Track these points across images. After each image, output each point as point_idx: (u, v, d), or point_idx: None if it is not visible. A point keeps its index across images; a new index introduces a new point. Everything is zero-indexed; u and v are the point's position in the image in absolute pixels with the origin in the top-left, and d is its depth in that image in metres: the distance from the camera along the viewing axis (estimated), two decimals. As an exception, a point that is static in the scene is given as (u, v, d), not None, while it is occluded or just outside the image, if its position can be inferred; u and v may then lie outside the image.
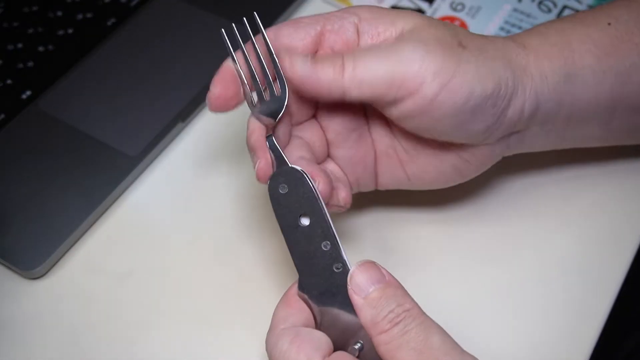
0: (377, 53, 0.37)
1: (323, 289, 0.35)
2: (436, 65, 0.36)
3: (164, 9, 0.58)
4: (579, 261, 0.46)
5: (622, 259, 0.46)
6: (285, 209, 0.36)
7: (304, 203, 0.36)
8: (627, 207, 0.48)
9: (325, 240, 0.36)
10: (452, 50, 0.37)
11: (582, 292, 0.44)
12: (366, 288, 0.34)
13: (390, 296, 0.34)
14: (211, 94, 0.39)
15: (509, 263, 0.46)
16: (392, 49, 0.37)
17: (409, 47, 0.37)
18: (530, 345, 0.42)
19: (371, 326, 0.33)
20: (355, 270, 0.35)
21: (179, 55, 0.55)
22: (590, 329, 0.43)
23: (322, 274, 0.36)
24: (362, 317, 0.34)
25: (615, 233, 0.47)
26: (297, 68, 0.37)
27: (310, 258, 0.36)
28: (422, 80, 0.36)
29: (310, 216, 0.36)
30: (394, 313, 0.33)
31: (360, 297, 0.34)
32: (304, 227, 0.36)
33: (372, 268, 0.35)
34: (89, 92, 0.54)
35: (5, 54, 0.56)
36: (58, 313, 0.44)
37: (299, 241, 0.36)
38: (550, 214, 0.47)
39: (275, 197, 0.36)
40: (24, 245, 0.46)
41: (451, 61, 0.37)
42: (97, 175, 0.49)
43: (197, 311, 0.45)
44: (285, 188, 0.36)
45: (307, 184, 0.36)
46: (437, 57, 0.36)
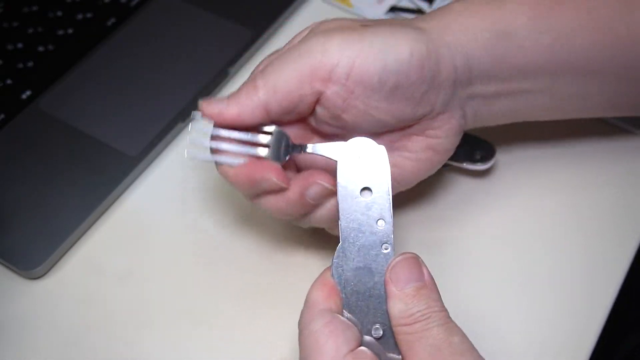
0: (283, 57, 0.38)
1: (362, 264, 0.36)
2: (339, 47, 0.36)
3: (164, 9, 0.58)
4: (579, 261, 0.46)
5: (622, 259, 0.46)
6: (351, 177, 0.37)
7: (372, 177, 0.37)
8: (628, 207, 0.48)
9: (382, 219, 0.36)
10: (354, 31, 0.37)
11: (582, 292, 0.44)
12: (404, 282, 0.34)
13: (424, 297, 0.34)
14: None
15: (509, 264, 0.46)
16: (295, 48, 0.38)
17: (311, 41, 0.37)
18: (530, 345, 0.42)
19: (396, 317, 0.34)
20: (398, 261, 0.35)
21: (179, 55, 0.55)
22: (590, 329, 0.43)
23: (367, 250, 0.36)
24: (391, 307, 0.34)
25: (615, 233, 0.47)
26: (216, 109, 0.38)
27: (361, 232, 0.36)
28: (330, 67, 0.37)
29: (374, 191, 0.36)
30: (421, 313, 0.34)
31: (395, 289, 0.34)
32: (363, 200, 0.36)
33: (414, 264, 0.35)
34: (89, 92, 0.54)
35: (5, 54, 0.55)
36: (58, 313, 0.44)
37: (354, 212, 0.36)
38: (550, 215, 0.47)
39: (345, 162, 0.37)
40: (24, 245, 0.46)
41: (354, 40, 0.37)
42: (97, 175, 0.49)
43: (197, 311, 0.45)
44: (358, 158, 0.37)
45: (386, 163, 0.37)
46: (339, 40, 0.37)
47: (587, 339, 0.43)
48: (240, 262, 0.46)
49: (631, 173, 0.49)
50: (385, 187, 0.37)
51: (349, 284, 0.36)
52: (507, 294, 0.44)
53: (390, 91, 0.38)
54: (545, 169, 0.49)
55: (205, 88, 0.53)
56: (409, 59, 0.37)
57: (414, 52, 0.37)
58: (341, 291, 0.36)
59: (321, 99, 0.38)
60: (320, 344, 0.33)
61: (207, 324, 0.44)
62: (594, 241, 0.46)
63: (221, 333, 0.44)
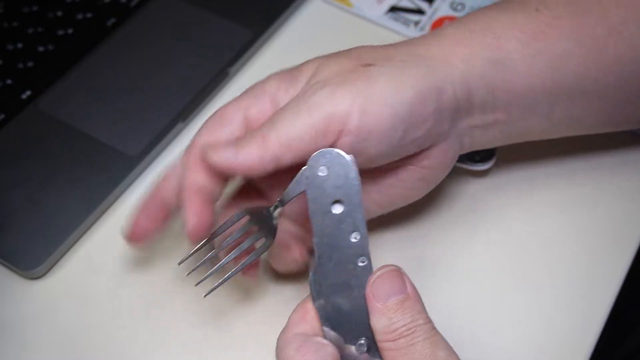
0: (291, 110, 0.36)
1: (341, 280, 0.35)
2: (345, 98, 0.36)
3: (164, 9, 0.58)
4: (579, 261, 0.46)
5: (622, 259, 0.46)
6: (320, 192, 0.35)
7: (342, 190, 0.35)
8: (627, 207, 0.48)
9: (356, 231, 0.35)
10: (356, 74, 0.37)
11: (582, 292, 0.44)
12: (386, 296, 0.34)
13: (408, 310, 0.33)
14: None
15: (508, 264, 0.46)
16: (302, 101, 0.37)
17: (316, 94, 0.36)
18: (530, 345, 0.42)
19: (380, 333, 0.33)
20: (378, 275, 0.34)
21: (179, 55, 0.55)
22: (590, 329, 0.43)
23: (344, 265, 0.35)
24: (374, 323, 0.34)
25: (615, 233, 0.47)
26: (223, 158, 0.37)
27: (336, 247, 0.35)
28: (342, 120, 0.36)
29: (346, 204, 0.35)
30: (406, 327, 0.33)
31: (377, 304, 0.34)
32: (335, 214, 0.35)
33: (395, 276, 0.34)
34: (89, 92, 0.53)
35: (5, 54, 0.55)
36: (58, 313, 0.44)
37: (327, 227, 0.35)
38: (550, 215, 0.47)
39: (312, 177, 0.35)
40: (24, 245, 0.46)
41: (359, 86, 0.36)
42: (97, 175, 0.49)
43: (197, 311, 0.45)
44: (325, 171, 0.35)
45: (353, 171, 0.35)
46: (344, 91, 0.36)
47: (587, 340, 0.43)
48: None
49: (631, 174, 0.49)
50: (357, 199, 0.35)
51: (328, 301, 0.35)
52: (507, 294, 0.44)
53: (401, 135, 0.37)
54: (544, 170, 0.49)
55: (205, 88, 0.53)
56: (416, 100, 0.37)
57: (421, 93, 0.37)
58: (321, 309, 0.35)
59: (332, 145, 0.37)
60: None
61: (207, 323, 0.44)
62: (593, 241, 0.46)
63: (221, 333, 0.44)
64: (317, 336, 0.35)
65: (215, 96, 0.54)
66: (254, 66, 0.56)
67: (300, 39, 0.58)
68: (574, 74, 0.40)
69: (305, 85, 0.38)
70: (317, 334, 0.35)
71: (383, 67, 0.37)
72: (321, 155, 0.36)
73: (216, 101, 0.54)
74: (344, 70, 0.37)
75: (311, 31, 0.58)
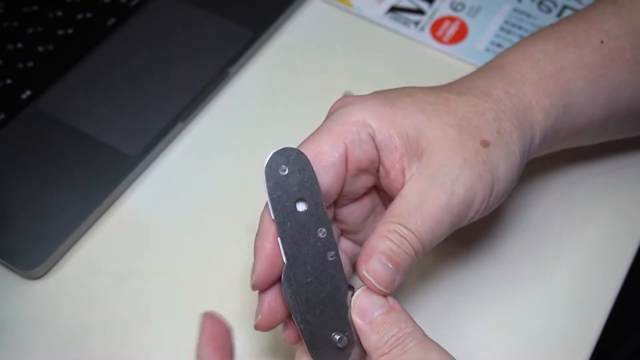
0: (434, 219, 0.36)
1: (312, 278, 0.35)
2: (479, 197, 0.37)
3: (164, 9, 0.58)
4: (579, 262, 0.46)
5: (622, 259, 0.46)
6: (282, 191, 0.35)
7: (303, 187, 0.35)
8: (628, 208, 0.48)
9: (321, 227, 0.35)
10: (481, 161, 0.37)
11: (582, 292, 0.44)
12: (370, 313, 0.34)
13: (394, 321, 0.34)
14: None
15: (508, 265, 0.46)
16: (443, 209, 0.36)
17: (455, 201, 0.36)
18: (530, 345, 0.42)
19: (374, 350, 0.34)
20: (359, 294, 0.35)
21: (179, 55, 0.55)
22: (590, 329, 0.43)
23: (313, 261, 0.35)
24: (366, 342, 0.34)
25: (615, 233, 0.47)
26: (390, 284, 0.35)
27: (304, 245, 0.35)
28: (473, 213, 0.37)
29: (308, 201, 0.35)
30: (395, 337, 0.33)
31: (364, 323, 0.34)
32: (299, 212, 0.35)
33: (370, 295, 0.35)
34: (89, 92, 0.54)
35: (5, 54, 0.55)
36: (58, 313, 0.44)
37: (292, 226, 0.35)
38: (550, 215, 0.47)
39: (273, 177, 0.35)
40: (24, 245, 0.46)
41: (487, 179, 0.37)
42: (97, 175, 0.49)
43: (197, 312, 0.45)
44: (285, 170, 0.35)
45: (310, 168, 0.35)
46: (478, 190, 0.37)
47: (587, 340, 0.43)
48: (240, 263, 0.46)
49: (631, 174, 0.49)
50: (318, 195, 0.35)
51: (302, 300, 0.35)
52: (507, 294, 0.44)
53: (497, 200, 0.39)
54: (544, 169, 0.49)
55: (205, 88, 0.53)
56: (519, 173, 0.39)
57: (521, 168, 0.39)
58: (295, 308, 0.35)
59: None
60: None
61: (207, 324, 0.44)
62: (593, 242, 0.46)
63: (221, 333, 0.44)
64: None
65: (215, 96, 0.54)
66: (254, 66, 0.56)
67: (300, 39, 0.58)
68: (628, 101, 0.42)
69: (432, 168, 0.37)
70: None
71: (498, 150, 0.38)
72: (280, 153, 0.35)
73: (216, 101, 0.54)
74: (470, 155, 0.37)
75: (311, 31, 0.58)
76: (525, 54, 0.41)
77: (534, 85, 0.40)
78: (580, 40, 0.41)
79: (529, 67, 0.40)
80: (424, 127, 0.37)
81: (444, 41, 0.57)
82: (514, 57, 0.41)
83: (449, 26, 0.58)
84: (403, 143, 0.37)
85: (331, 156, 0.37)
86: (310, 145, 0.37)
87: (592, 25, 0.42)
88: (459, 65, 0.56)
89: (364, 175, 0.39)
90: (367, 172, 0.38)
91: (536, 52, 0.41)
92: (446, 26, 0.58)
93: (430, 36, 0.57)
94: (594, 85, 0.41)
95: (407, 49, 0.57)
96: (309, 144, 0.37)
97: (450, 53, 0.56)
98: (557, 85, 0.40)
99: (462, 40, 0.57)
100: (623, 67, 0.41)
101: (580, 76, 0.40)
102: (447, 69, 0.56)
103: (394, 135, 0.37)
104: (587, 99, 0.41)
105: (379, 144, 0.37)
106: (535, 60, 0.41)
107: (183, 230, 0.48)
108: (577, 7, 0.58)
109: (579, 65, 0.41)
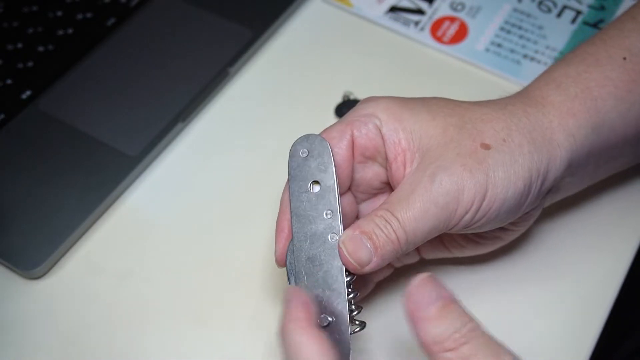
0: (419, 208, 0.37)
1: (312, 254, 0.37)
2: (468, 193, 0.37)
3: (164, 9, 0.58)
4: (579, 261, 0.46)
5: (622, 259, 0.46)
6: (300, 172, 0.38)
7: (320, 171, 0.38)
8: (628, 207, 0.48)
9: (329, 209, 0.37)
10: (476, 159, 0.37)
11: (582, 292, 0.45)
12: (426, 306, 0.32)
13: (454, 315, 0.32)
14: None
15: (508, 265, 0.46)
16: (428, 199, 0.37)
17: (440, 191, 0.36)
18: (530, 345, 0.42)
19: (432, 344, 0.31)
20: (414, 286, 0.32)
21: (178, 55, 0.55)
22: (590, 329, 0.43)
23: (316, 239, 0.37)
24: (423, 336, 0.32)
25: (615, 233, 0.47)
26: (363, 261, 0.37)
27: (310, 222, 0.37)
28: (462, 211, 0.37)
29: (322, 184, 0.38)
30: (460, 333, 0.31)
31: (420, 316, 0.32)
32: (312, 193, 0.38)
33: (430, 283, 0.33)
34: (89, 92, 0.54)
35: (5, 54, 0.55)
36: (58, 313, 0.44)
37: (303, 204, 0.38)
38: (550, 215, 0.47)
39: (293, 159, 0.39)
40: (24, 245, 0.46)
41: (479, 177, 0.37)
42: (97, 175, 0.49)
43: (197, 311, 0.45)
44: (305, 153, 0.38)
45: (329, 154, 0.38)
46: (466, 183, 0.37)
47: (587, 340, 0.43)
48: (240, 263, 0.46)
49: (631, 174, 0.49)
50: (332, 180, 0.38)
51: (300, 274, 0.37)
52: (506, 294, 0.44)
53: (502, 218, 0.39)
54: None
55: (205, 88, 0.53)
56: (524, 192, 0.38)
57: (529, 185, 0.38)
58: (293, 284, 0.37)
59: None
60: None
61: (207, 323, 0.44)
62: (593, 241, 0.46)
63: (221, 333, 0.44)
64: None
65: (215, 96, 0.54)
66: (254, 66, 0.56)
67: (300, 39, 0.58)
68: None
69: (421, 156, 0.38)
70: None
71: (500, 155, 0.38)
72: (304, 138, 0.39)
73: (216, 101, 0.54)
74: (465, 154, 0.37)
75: (311, 31, 0.58)
76: (548, 79, 0.41)
77: (556, 106, 0.40)
78: (603, 59, 0.41)
79: (552, 90, 0.40)
80: (428, 125, 0.38)
81: (444, 41, 0.57)
82: (537, 83, 0.41)
83: (449, 26, 0.58)
84: (406, 137, 0.39)
85: (339, 141, 0.39)
86: (322, 134, 0.40)
87: (613, 44, 0.42)
88: (458, 65, 0.56)
89: (372, 165, 0.40)
90: (375, 161, 0.40)
91: (559, 76, 0.41)
92: (446, 26, 0.58)
93: (430, 36, 0.57)
94: (623, 101, 0.40)
95: (407, 49, 0.57)
96: (323, 132, 0.40)
97: (450, 53, 0.56)
98: (584, 105, 0.40)
99: (462, 40, 0.57)
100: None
101: (607, 93, 0.40)
102: (447, 69, 0.56)
103: (399, 129, 0.39)
104: (618, 115, 0.40)
105: (384, 135, 0.39)
106: (557, 83, 0.40)
107: (183, 230, 0.48)
108: (577, 7, 0.58)
109: (604, 83, 0.40)
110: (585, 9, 0.58)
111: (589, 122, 0.39)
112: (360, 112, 0.40)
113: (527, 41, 0.57)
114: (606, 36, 0.42)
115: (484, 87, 0.54)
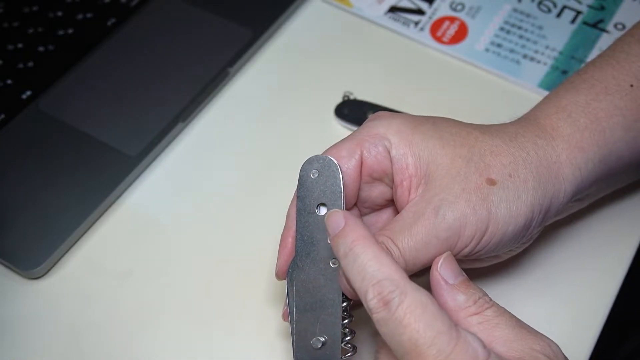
0: (420, 240, 0.37)
1: (312, 276, 0.37)
2: (470, 229, 0.37)
3: (164, 9, 0.58)
4: (579, 261, 0.46)
5: (622, 259, 0.46)
6: (308, 193, 0.38)
7: (328, 193, 0.37)
8: (628, 207, 0.48)
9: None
10: (480, 195, 0.37)
11: (582, 292, 0.45)
12: (454, 277, 0.35)
13: (474, 287, 0.35)
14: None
15: (508, 265, 0.46)
16: (430, 231, 0.37)
17: (442, 226, 0.37)
18: (530, 345, 0.42)
19: (458, 309, 0.35)
20: (444, 258, 0.36)
21: (179, 55, 0.55)
22: (590, 329, 0.43)
23: (317, 263, 0.37)
24: (450, 301, 0.35)
25: (615, 233, 0.47)
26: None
27: (313, 245, 0.37)
28: (462, 245, 0.37)
29: (329, 207, 0.37)
30: (483, 300, 0.35)
31: (450, 281, 0.35)
32: (318, 215, 0.37)
33: (455, 262, 0.36)
34: (89, 92, 0.54)
35: (5, 54, 0.56)
36: (58, 313, 0.44)
37: (309, 226, 0.37)
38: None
39: (304, 178, 0.38)
40: (24, 245, 0.46)
41: (482, 214, 0.37)
42: (97, 175, 0.49)
43: (197, 311, 0.45)
44: (316, 174, 0.38)
45: (338, 178, 0.37)
46: (468, 220, 0.37)
47: (587, 340, 0.43)
48: (240, 263, 0.46)
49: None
50: (338, 203, 0.37)
51: (299, 294, 0.37)
52: (506, 294, 0.44)
53: (503, 247, 0.39)
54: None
55: (205, 88, 0.53)
56: (526, 224, 0.38)
57: (531, 218, 0.38)
58: (292, 302, 0.37)
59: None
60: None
61: (207, 323, 0.44)
62: (593, 241, 0.46)
63: (221, 333, 0.44)
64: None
65: (215, 96, 0.54)
66: (254, 66, 0.56)
67: (300, 39, 0.58)
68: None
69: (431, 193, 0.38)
70: None
71: (504, 191, 0.38)
72: (315, 159, 0.38)
73: (216, 101, 0.54)
74: (470, 188, 0.37)
75: (311, 31, 0.58)
76: (558, 106, 0.41)
77: (565, 139, 0.40)
78: (611, 87, 0.41)
79: (562, 120, 0.40)
80: (436, 154, 0.38)
81: (444, 41, 0.57)
82: (548, 109, 0.41)
83: (448, 26, 0.58)
84: (414, 163, 0.38)
85: (348, 161, 0.39)
86: (332, 150, 0.39)
87: (620, 70, 0.42)
88: (458, 65, 0.56)
89: (379, 184, 0.40)
90: (381, 182, 0.40)
91: (568, 105, 0.41)
92: (446, 26, 0.58)
93: (430, 36, 0.57)
94: (630, 130, 0.41)
95: (407, 49, 0.57)
96: (332, 149, 0.40)
97: (450, 53, 0.56)
98: (593, 138, 0.40)
99: (462, 40, 0.57)
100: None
101: (616, 123, 0.40)
102: (446, 69, 0.56)
103: (408, 154, 0.39)
104: (626, 145, 0.41)
105: (393, 159, 0.39)
106: (567, 113, 0.41)
107: (183, 230, 0.48)
108: (577, 7, 0.58)
109: (612, 113, 0.40)
110: (585, 9, 0.58)
111: (597, 154, 0.40)
112: (372, 132, 0.39)
113: (527, 41, 0.57)
114: (614, 60, 0.42)
115: (484, 87, 0.54)
